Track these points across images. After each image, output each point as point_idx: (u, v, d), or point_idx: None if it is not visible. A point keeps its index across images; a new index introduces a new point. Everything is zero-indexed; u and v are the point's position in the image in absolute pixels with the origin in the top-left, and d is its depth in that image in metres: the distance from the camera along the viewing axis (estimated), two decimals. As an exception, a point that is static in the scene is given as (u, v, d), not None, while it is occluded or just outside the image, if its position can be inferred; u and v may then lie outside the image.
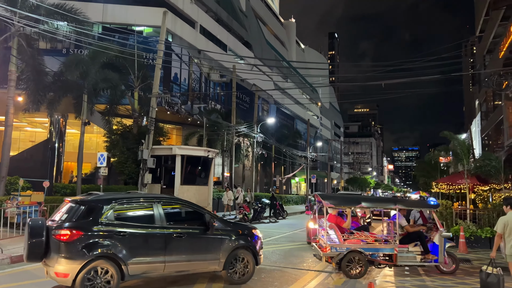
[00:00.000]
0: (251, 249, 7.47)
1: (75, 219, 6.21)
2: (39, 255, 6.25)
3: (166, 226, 6.74)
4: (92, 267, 6.05)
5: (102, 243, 6.16)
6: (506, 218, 6.66)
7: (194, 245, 6.94)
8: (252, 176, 31.13)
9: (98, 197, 6.83)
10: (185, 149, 20.11)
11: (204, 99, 43.14)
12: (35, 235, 6.15)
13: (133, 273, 6.33)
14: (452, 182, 18.51)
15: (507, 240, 6.57)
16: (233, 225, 7.93)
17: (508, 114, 25.58)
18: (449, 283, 7.88)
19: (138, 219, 6.76)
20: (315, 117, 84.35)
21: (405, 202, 9.83)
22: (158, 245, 6.55)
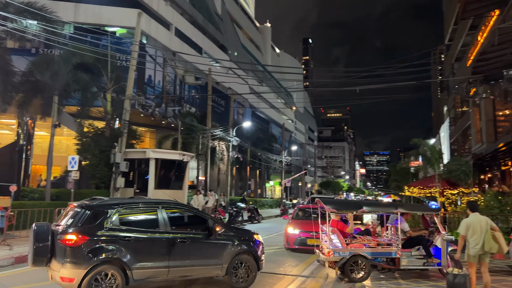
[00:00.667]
0: (253, 254, 7.53)
1: (80, 224, 6.26)
2: (45, 260, 6.25)
3: (170, 231, 6.81)
4: (98, 272, 6.09)
5: (107, 247, 6.22)
6: (469, 221, 6.93)
7: (198, 250, 7.02)
8: (227, 180, 30.98)
9: (103, 202, 6.89)
10: (159, 152, 19.81)
11: (179, 102, 42.70)
12: (41, 240, 6.18)
13: (137, 278, 6.38)
14: (423, 186, 19.00)
15: (469, 241, 6.82)
16: (235, 230, 7.98)
17: (475, 121, 26.51)
18: (423, 286, 8.03)
19: (143, 224, 6.86)
20: (289, 121, 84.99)
21: (406, 206, 9.87)
22: (162, 250, 6.62)
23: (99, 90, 22.03)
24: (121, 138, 19.07)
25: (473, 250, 6.79)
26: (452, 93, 32.32)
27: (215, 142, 33.75)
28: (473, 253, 6.79)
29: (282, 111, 79.77)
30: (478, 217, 6.96)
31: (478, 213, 7.07)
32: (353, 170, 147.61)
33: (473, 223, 6.84)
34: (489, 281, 6.78)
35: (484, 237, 6.69)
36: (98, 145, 20.08)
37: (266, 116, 68.43)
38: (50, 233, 6.28)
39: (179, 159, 19.60)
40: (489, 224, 6.84)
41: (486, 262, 6.87)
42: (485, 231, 6.72)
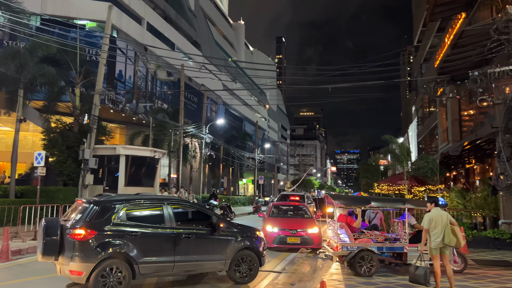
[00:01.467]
0: (255, 250, 7.69)
1: (88, 219, 6.40)
2: (54, 253, 6.38)
3: (175, 226, 6.98)
4: (105, 266, 6.24)
5: (114, 242, 6.37)
6: (431, 215, 7.21)
7: (202, 245, 7.18)
8: (200, 177, 30.76)
9: (111, 198, 7.09)
10: (130, 149, 19.44)
11: (151, 98, 42.00)
12: (50, 234, 6.31)
13: (144, 272, 6.53)
14: (392, 183, 19.47)
15: (431, 234, 7.09)
16: (238, 227, 8.07)
17: (442, 120, 27.39)
18: (391, 279, 8.23)
19: (149, 219, 6.98)
20: (263, 119, 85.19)
21: (414, 202, 10.00)
22: (167, 245, 6.78)
23: (68, 85, 21.38)
24: (90, 134, 18.54)
25: (434, 242, 7.06)
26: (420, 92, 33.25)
27: (188, 139, 33.43)
28: (434, 245, 7.05)
29: (256, 109, 79.88)
30: (439, 211, 7.23)
31: (439, 208, 7.35)
32: (325, 168, 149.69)
33: (435, 217, 7.12)
34: (451, 273, 7.03)
35: (444, 231, 6.97)
36: (66, 141, 19.49)
37: (240, 114, 68.34)
38: (59, 227, 6.42)
39: (150, 156, 19.29)
40: (449, 219, 7.13)
41: (446, 254, 7.14)
42: (445, 225, 7.01)
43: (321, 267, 9.38)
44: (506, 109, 13.40)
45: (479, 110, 22.13)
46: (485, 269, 9.39)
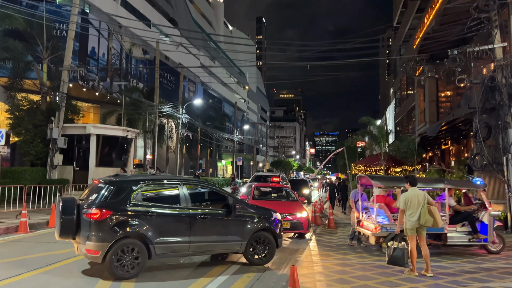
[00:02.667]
0: (272, 232, 7.58)
1: (104, 199, 6.40)
2: (71, 233, 6.41)
3: (191, 207, 6.94)
4: (121, 245, 6.21)
5: (130, 222, 6.37)
6: (407, 195, 6.98)
7: (218, 226, 7.14)
8: (177, 158, 30.11)
9: (126, 178, 7.17)
10: (101, 128, 18.68)
11: (125, 76, 40.68)
12: (67, 213, 6.34)
13: (159, 252, 6.52)
14: (369, 163, 19.40)
15: (407, 214, 6.89)
16: (255, 208, 7.97)
17: (419, 101, 27.48)
18: (367, 260, 8.04)
19: (165, 200, 6.99)
20: (242, 101, 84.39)
21: (453, 182, 9.65)
22: (183, 226, 6.75)
23: (35, 60, 20.25)
24: (59, 112, 17.71)
25: (409, 223, 6.85)
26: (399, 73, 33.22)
27: (164, 120, 32.59)
28: (410, 226, 6.84)
29: (235, 90, 78.93)
30: (416, 191, 7.01)
31: (416, 188, 7.11)
32: (303, 150, 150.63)
33: (411, 197, 6.88)
34: (428, 254, 6.85)
35: (420, 211, 6.76)
36: (32, 119, 18.53)
37: (219, 95, 67.38)
38: (76, 207, 6.44)
39: (122, 136, 18.60)
40: (426, 198, 6.89)
41: (423, 235, 6.94)
42: (422, 205, 6.79)
43: (295, 250, 9.14)
44: (484, 89, 13.31)
45: (456, 91, 22.21)
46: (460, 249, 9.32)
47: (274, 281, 6.49)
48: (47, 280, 6.25)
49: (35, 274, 6.58)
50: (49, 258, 7.68)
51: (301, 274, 6.67)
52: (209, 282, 6.35)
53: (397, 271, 6.97)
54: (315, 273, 6.90)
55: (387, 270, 7.12)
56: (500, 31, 13.14)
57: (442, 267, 7.47)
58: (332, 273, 6.88)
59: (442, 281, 6.45)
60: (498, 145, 12.89)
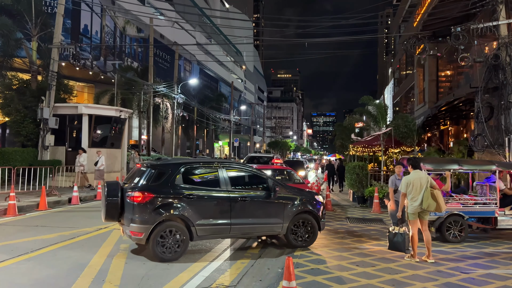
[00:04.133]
0: (314, 214, 7.53)
1: (146, 182, 6.53)
2: (116, 215, 6.61)
3: (231, 189, 6.99)
4: (164, 228, 6.35)
5: (172, 205, 6.48)
6: (409, 178, 6.66)
7: (258, 208, 7.14)
8: (172, 139, 29.70)
9: (168, 161, 7.47)
10: (93, 108, 18.16)
11: (119, 55, 39.87)
12: (111, 196, 6.52)
13: (201, 234, 6.63)
14: (368, 144, 19.08)
15: (409, 198, 6.61)
16: (296, 190, 7.96)
17: (419, 81, 27.01)
18: (366, 245, 7.79)
19: (205, 182, 7.15)
20: (239, 81, 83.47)
21: (505, 165, 9.25)
22: (224, 208, 6.82)
23: (24, 37, 19.58)
24: (49, 91, 17.17)
25: (411, 207, 6.56)
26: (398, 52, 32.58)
27: (159, 100, 32.02)
28: (412, 210, 6.56)
29: (232, 69, 77.94)
30: (419, 174, 6.69)
31: (419, 170, 6.81)
32: (301, 131, 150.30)
33: (413, 180, 6.58)
34: (430, 239, 6.60)
35: (423, 195, 6.47)
36: (22, 99, 18.02)
37: (215, 74, 66.49)
38: (119, 190, 6.60)
39: (115, 116, 18.11)
40: (429, 182, 6.58)
41: (425, 220, 6.67)
42: (424, 189, 6.49)
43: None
44: (487, 67, 12.90)
45: (457, 70, 21.75)
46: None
47: (269, 267, 6.23)
48: (29, 268, 5.93)
49: (19, 261, 6.27)
50: (37, 243, 7.38)
51: (297, 262, 6.41)
52: (202, 268, 6.09)
53: (398, 257, 6.73)
54: (312, 259, 6.63)
55: (387, 255, 6.88)
56: (505, 7, 12.66)
57: (444, 252, 7.23)
58: (330, 259, 6.63)
59: (444, 267, 6.21)
60: (500, 125, 12.56)
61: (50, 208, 11.80)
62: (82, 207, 12.37)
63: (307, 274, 5.77)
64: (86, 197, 14.03)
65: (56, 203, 12.54)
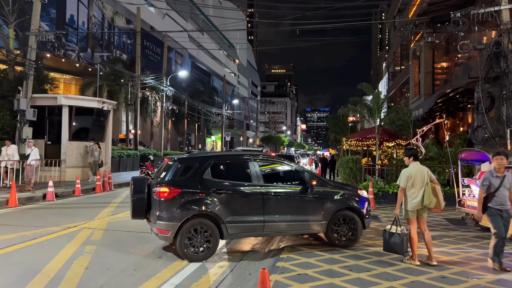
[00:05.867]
0: (357, 211, 6.89)
1: (173, 177, 6.17)
2: (143, 211, 6.26)
3: (264, 184, 6.50)
4: (192, 225, 5.96)
5: (200, 201, 6.07)
6: (409, 171, 5.89)
7: (294, 205, 6.63)
8: (161, 133, 28.80)
9: (196, 155, 7.00)
10: (74, 99, 17.23)
11: (108, 47, 38.84)
12: (137, 192, 6.20)
13: (231, 232, 6.18)
14: (362, 137, 18.36)
15: (408, 194, 5.87)
16: (337, 185, 7.40)
17: (414, 73, 26.33)
18: (359, 245, 7.06)
19: (235, 177, 6.58)
20: (232, 75, 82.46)
21: None
22: (256, 204, 6.36)
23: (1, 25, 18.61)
24: (26, 81, 16.23)
25: (411, 204, 5.82)
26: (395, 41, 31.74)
27: (148, 92, 31.09)
28: (411, 207, 5.82)
29: (225, 63, 76.89)
30: (419, 167, 5.90)
31: (418, 163, 6.02)
32: (295, 126, 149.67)
33: (414, 173, 5.82)
34: (430, 239, 5.87)
35: (424, 190, 5.74)
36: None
37: (208, 68, 65.50)
38: (146, 185, 6.25)
39: (98, 108, 17.21)
40: (429, 176, 5.85)
41: (424, 218, 5.93)
42: (426, 183, 5.77)
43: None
44: (488, 56, 12.22)
45: (454, 62, 21.09)
46: (462, 231, 8.41)
47: (250, 272, 5.47)
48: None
49: (-37, 266, 5.46)
50: (-8, 244, 6.57)
51: (283, 267, 5.66)
52: (173, 274, 5.32)
53: (396, 259, 5.99)
54: (300, 263, 5.88)
55: (384, 257, 6.13)
56: (508, -9, 11.95)
57: (446, 253, 6.51)
58: (320, 262, 5.88)
59: (448, 271, 5.48)
60: (501, 116, 11.90)
61: (21, 204, 10.99)
62: (57, 204, 11.53)
63: (293, 281, 5.01)
64: (63, 193, 13.20)
65: (29, 199, 11.71)
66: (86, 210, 10.54)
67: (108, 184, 15.23)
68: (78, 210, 10.49)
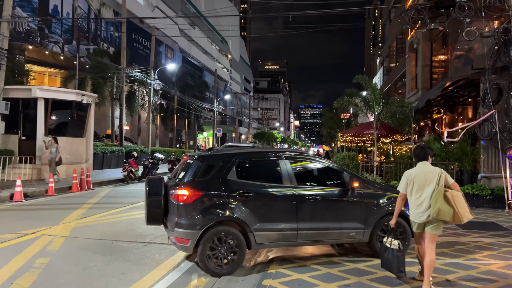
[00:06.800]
0: (405, 217, 5.68)
1: (193, 177, 5.37)
2: (159, 217, 5.46)
3: (297, 186, 5.64)
4: (215, 233, 5.14)
5: (224, 205, 5.24)
6: (411, 172, 4.70)
7: (332, 210, 5.75)
8: (148, 128, 27.62)
9: (219, 151, 6.11)
10: (50, 91, 16.04)
11: (94, 39, 37.50)
12: (153, 195, 5.43)
13: (260, 242, 5.35)
14: (359, 132, 17.41)
15: (411, 201, 4.67)
16: (382, 186, 6.58)
17: (411, 67, 25.45)
18: (361, 256, 6.09)
19: (265, 177, 5.70)
20: (224, 70, 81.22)
21: None
22: (288, 209, 5.50)
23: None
24: (-3, 71, 15.04)
25: (415, 215, 4.59)
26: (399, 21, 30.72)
27: (136, 86, 29.90)
28: (416, 218, 4.58)
29: (217, 58, 75.60)
30: (428, 167, 4.63)
31: (427, 162, 4.69)
32: (288, 122, 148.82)
33: (417, 176, 4.59)
34: (433, 262, 4.50)
35: (432, 197, 4.45)
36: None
37: (199, 63, 64.24)
38: (163, 187, 5.45)
39: (76, 100, 16.06)
40: (442, 178, 4.51)
41: (432, 233, 4.51)
42: (433, 188, 4.46)
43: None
44: (495, 43, 11.32)
45: (453, 54, 20.20)
46: (474, 236, 7.48)
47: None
48: None
49: None
50: None
51: (270, 286, 4.67)
52: (133, 298, 4.30)
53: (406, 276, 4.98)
54: (291, 280, 4.89)
55: (389, 272, 5.09)
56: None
57: (461, 266, 5.54)
58: (315, 280, 4.90)
59: (470, 292, 4.51)
60: (509, 109, 11.02)
61: (-18, 206, 9.88)
62: (24, 205, 10.44)
63: (281, 307, 4.02)
64: (34, 193, 12.09)
65: (-7, 200, 10.61)
66: (54, 212, 9.46)
67: (86, 182, 14.13)
68: (45, 213, 9.41)
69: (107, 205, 10.46)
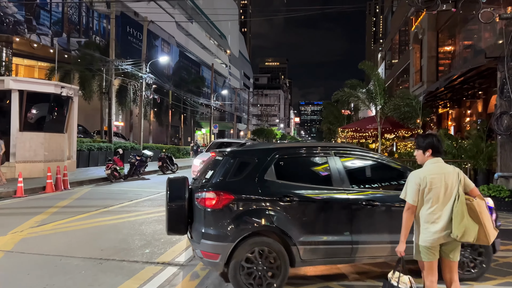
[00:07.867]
0: None
1: (223, 178, 4.40)
2: (182, 226, 4.50)
3: (350, 189, 4.59)
4: (251, 246, 4.17)
5: (262, 211, 4.27)
6: (421, 175, 3.33)
7: (393, 218, 4.35)
8: (140, 123, 26.40)
9: (253, 147, 5.35)
10: (25, 82, 14.78)
11: (86, 32, 36.27)
12: (175, 199, 4.48)
13: (306, 258, 4.36)
14: (361, 127, 16.19)
15: (423, 216, 3.32)
16: None
17: (415, 59, 24.19)
18: (368, 281, 4.90)
19: (310, 178, 4.75)
20: (223, 65, 79.91)
21: None
22: (340, 217, 4.50)
23: None
24: (-32, 61, 13.87)
25: (427, 234, 3.28)
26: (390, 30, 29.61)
27: (127, 80, 28.65)
28: (428, 240, 3.28)
29: (215, 53, 74.26)
30: (445, 167, 3.35)
31: (440, 159, 3.42)
32: (288, 119, 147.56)
33: (434, 179, 3.27)
34: None
35: (454, 210, 3.19)
36: None
37: (197, 58, 62.96)
38: (187, 189, 4.55)
39: (55, 93, 14.84)
40: (462, 182, 3.29)
41: (453, 260, 3.33)
42: (454, 196, 3.22)
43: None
44: (514, 27, 10.10)
45: (462, 44, 18.95)
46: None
47: None
48: None
49: None
50: None
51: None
52: None
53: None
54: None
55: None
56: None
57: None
58: None
59: None
60: (530, 101, 9.81)
61: None
62: (-17, 209, 9.24)
63: None
64: (1, 193, 10.90)
65: (-51, 203, 9.42)
66: (10, 218, 8.25)
67: (63, 182, 12.92)
68: (1, 219, 8.21)
69: (76, 208, 9.26)
